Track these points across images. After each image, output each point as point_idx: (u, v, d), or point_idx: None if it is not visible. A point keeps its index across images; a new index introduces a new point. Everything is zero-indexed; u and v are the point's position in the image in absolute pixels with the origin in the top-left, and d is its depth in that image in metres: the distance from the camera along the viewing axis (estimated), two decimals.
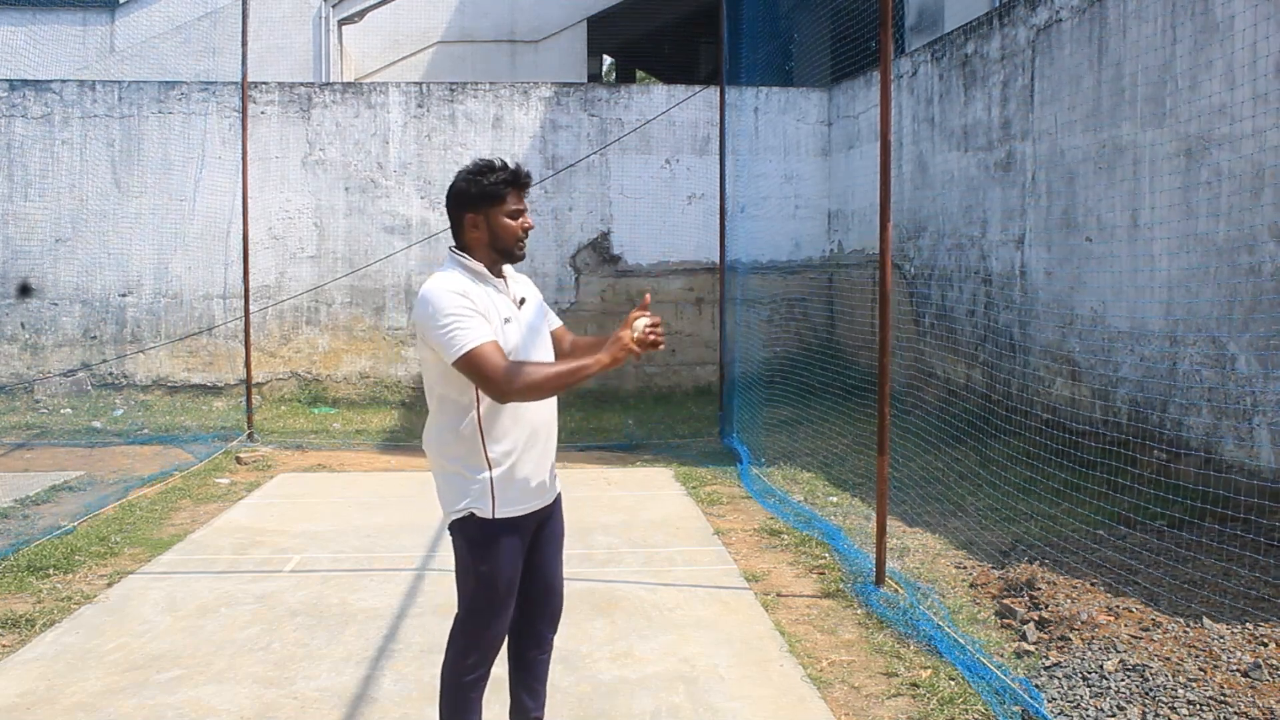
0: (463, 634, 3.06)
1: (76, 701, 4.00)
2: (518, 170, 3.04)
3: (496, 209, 3.00)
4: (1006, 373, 8.43)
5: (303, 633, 4.76)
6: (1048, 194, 8.05)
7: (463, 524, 3.00)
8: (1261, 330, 5.79)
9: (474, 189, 3.00)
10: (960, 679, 4.11)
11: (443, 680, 3.10)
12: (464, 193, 3.01)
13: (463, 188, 3.02)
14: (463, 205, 3.02)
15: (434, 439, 3.05)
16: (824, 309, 12.59)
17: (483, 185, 2.99)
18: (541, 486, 3.09)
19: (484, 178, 3.00)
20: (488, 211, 3.00)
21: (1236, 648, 4.23)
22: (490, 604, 3.01)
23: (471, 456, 2.97)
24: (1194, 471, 6.13)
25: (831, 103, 12.73)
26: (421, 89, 12.32)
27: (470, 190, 3.00)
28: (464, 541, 3.02)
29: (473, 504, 2.97)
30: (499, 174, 3.00)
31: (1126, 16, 7.06)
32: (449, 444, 2.99)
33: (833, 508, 7.00)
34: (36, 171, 11.73)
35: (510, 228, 3.02)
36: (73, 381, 11.80)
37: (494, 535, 2.98)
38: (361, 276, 12.13)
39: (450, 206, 3.06)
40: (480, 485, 2.97)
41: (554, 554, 3.23)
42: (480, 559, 2.99)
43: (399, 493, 7.67)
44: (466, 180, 3.02)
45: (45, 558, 5.81)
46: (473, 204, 3.01)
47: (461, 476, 2.98)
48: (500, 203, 3.00)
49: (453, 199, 3.04)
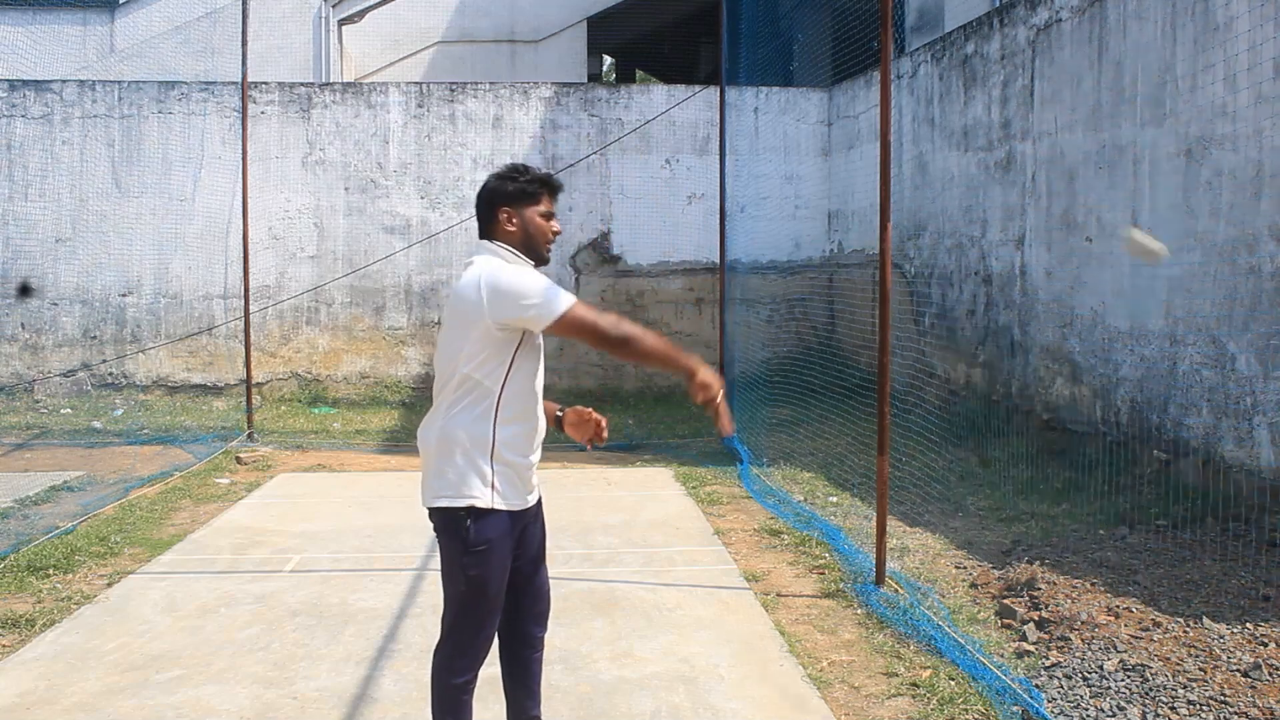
0: (452, 638, 3.05)
1: (76, 701, 4.00)
2: (550, 176, 3.16)
3: (531, 207, 3.09)
4: (1006, 373, 8.43)
5: (302, 633, 4.76)
6: (1048, 194, 8.05)
7: (456, 517, 2.98)
8: (1261, 330, 5.79)
9: (510, 186, 3.08)
10: (960, 679, 4.11)
11: (434, 684, 3.07)
12: (500, 189, 3.09)
13: (498, 185, 3.09)
14: (498, 200, 3.08)
15: (439, 426, 3.02)
16: (824, 309, 12.59)
17: (519, 183, 3.08)
18: (530, 485, 3.13)
19: (520, 176, 3.10)
20: (522, 209, 3.08)
21: (1236, 648, 4.23)
22: (480, 607, 3.01)
23: (478, 446, 2.97)
24: (1194, 471, 6.12)
25: (831, 103, 12.73)
26: (421, 89, 12.32)
27: (507, 187, 3.08)
28: (456, 541, 2.99)
29: (473, 494, 2.96)
30: (533, 174, 3.11)
31: (1126, 16, 7.06)
32: (457, 430, 2.98)
33: (833, 508, 7.00)
34: (36, 171, 11.73)
35: (543, 227, 3.11)
36: (73, 381, 11.81)
37: (487, 534, 2.97)
38: (361, 276, 12.13)
39: (484, 204, 3.11)
40: (482, 476, 2.97)
41: (539, 555, 3.25)
42: (470, 562, 2.97)
43: (399, 493, 7.67)
44: (501, 179, 3.10)
45: (45, 558, 5.81)
46: (509, 199, 3.08)
47: (465, 465, 2.97)
48: (535, 202, 3.10)
49: (488, 195, 3.11)
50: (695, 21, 17.68)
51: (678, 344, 3.31)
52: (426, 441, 3.07)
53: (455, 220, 12.14)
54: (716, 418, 2.98)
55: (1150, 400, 6.76)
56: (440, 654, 3.08)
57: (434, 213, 12.16)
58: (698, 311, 12.56)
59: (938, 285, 9.96)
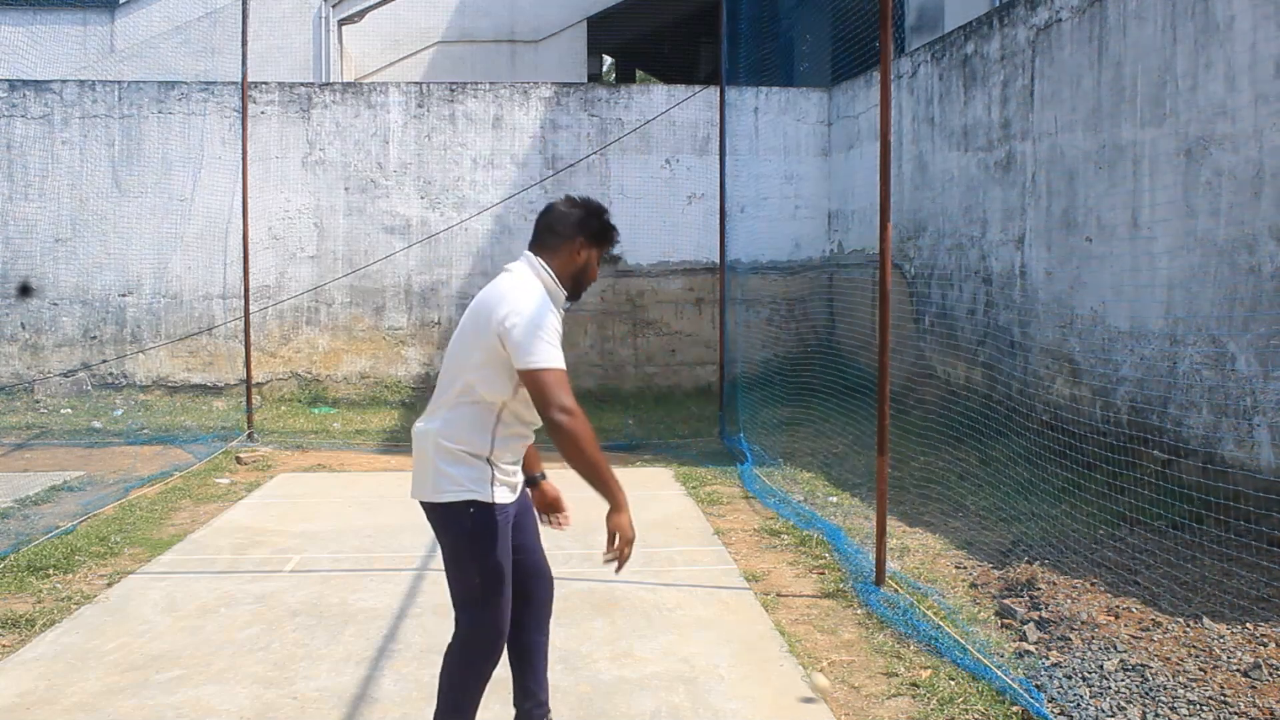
0: (471, 633, 3.07)
1: (76, 701, 4.00)
2: (615, 230, 3.25)
3: (599, 250, 3.19)
4: (1006, 372, 8.43)
5: (302, 633, 4.76)
6: (1048, 194, 8.05)
7: (458, 512, 3.01)
8: (1261, 330, 5.79)
9: (596, 224, 3.15)
10: (960, 679, 4.11)
11: (452, 679, 3.08)
12: (587, 223, 3.15)
13: (587, 219, 3.15)
14: (582, 231, 3.14)
15: (438, 428, 3.05)
16: (824, 309, 12.59)
17: (604, 223, 3.17)
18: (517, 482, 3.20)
19: (605, 216, 3.19)
20: (593, 249, 3.17)
21: (1236, 648, 4.23)
22: (499, 593, 3.06)
23: (479, 446, 3.03)
24: (1194, 471, 6.12)
25: (831, 103, 12.73)
26: (421, 89, 12.32)
27: (594, 224, 3.15)
28: (462, 535, 3.02)
29: (474, 490, 3.00)
30: (614, 228, 3.22)
31: (1126, 16, 7.06)
32: (458, 431, 3.02)
33: (833, 507, 7.00)
34: (36, 171, 11.73)
35: (595, 271, 3.21)
36: (73, 381, 11.81)
37: (492, 522, 3.02)
38: (361, 276, 12.13)
39: (563, 226, 3.14)
40: (482, 471, 3.02)
41: (533, 535, 3.33)
42: (483, 552, 3.01)
43: (399, 493, 7.66)
44: (591, 214, 3.16)
45: (45, 558, 5.80)
46: (592, 236, 3.15)
47: (465, 462, 3.01)
48: (605, 247, 3.20)
49: (574, 221, 3.14)
50: (695, 21, 17.69)
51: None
52: (423, 440, 3.09)
53: (455, 220, 12.14)
54: (617, 557, 2.98)
55: (1150, 400, 6.77)
56: (458, 650, 3.09)
57: (434, 213, 12.16)
58: (698, 311, 12.57)
59: (938, 285, 9.96)
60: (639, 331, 12.40)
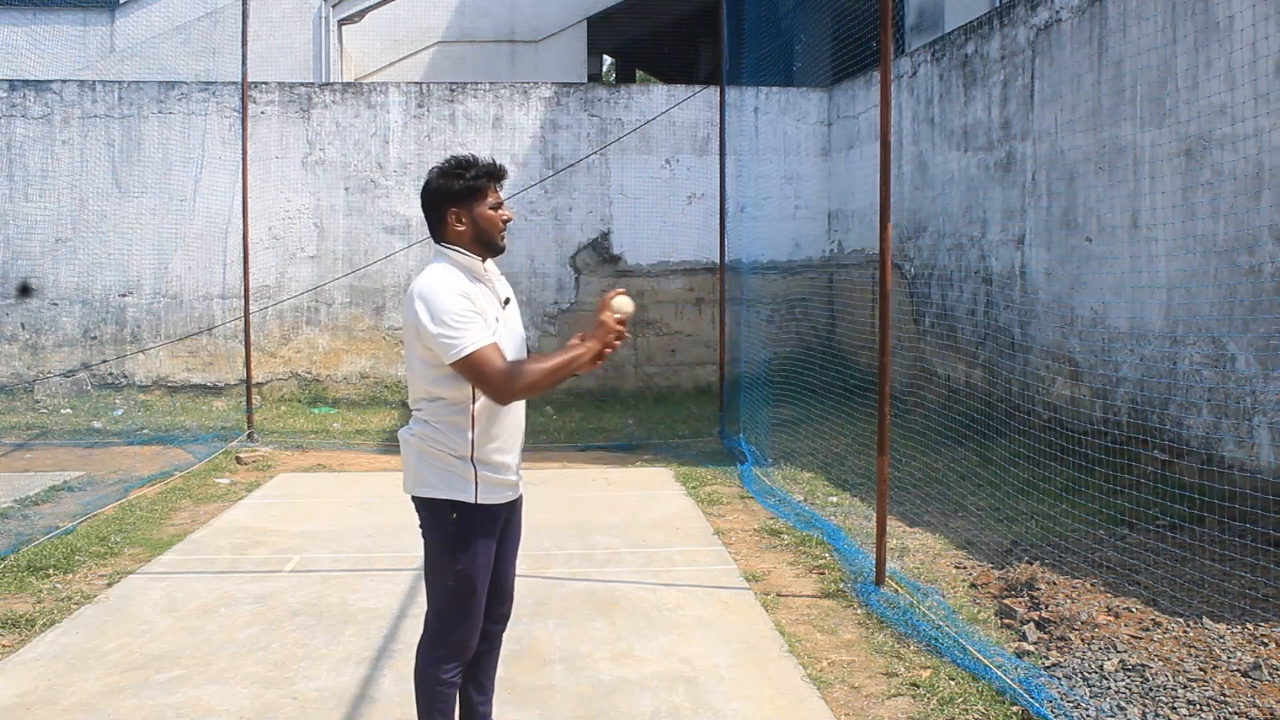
0: (439, 635, 3.05)
1: (76, 701, 4.00)
2: (493, 164, 3.10)
3: (479, 203, 3.05)
4: (1007, 373, 8.43)
5: (303, 633, 4.76)
6: (1048, 194, 8.05)
7: (441, 510, 2.99)
8: (1261, 330, 5.79)
9: (457, 185, 3.04)
10: (960, 679, 4.11)
11: (420, 681, 3.07)
12: (447, 189, 3.04)
13: (445, 184, 3.05)
14: (446, 201, 3.05)
15: (417, 432, 3.04)
16: (824, 309, 12.59)
17: (465, 180, 3.04)
18: (510, 481, 3.12)
19: (465, 173, 3.05)
20: (471, 206, 3.04)
21: (1236, 648, 4.23)
22: (467, 603, 3.02)
23: (459, 446, 2.99)
24: (1194, 471, 6.12)
25: (831, 103, 12.73)
26: (421, 89, 12.32)
27: (454, 186, 3.04)
28: (441, 537, 3.01)
29: (455, 490, 2.98)
30: (478, 169, 3.06)
31: (1126, 16, 7.06)
32: (434, 437, 3.00)
33: (833, 508, 7.00)
34: (36, 171, 11.73)
35: (493, 219, 3.07)
36: (73, 381, 11.81)
37: (472, 528, 2.99)
38: (361, 276, 12.13)
39: (430, 204, 3.08)
40: (464, 472, 2.99)
41: (511, 554, 3.25)
42: (457, 557, 2.99)
43: (399, 493, 7.60)
44: (447, 177, 3.05)
45: (45, 558, 5.81)
46: (456, 199, 3.04)
47: (445, 462, 2.99)
48: (482, 197, 3.06)
49: (433, 196, 3.06)
50: (695, 21, 17.68)
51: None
52: (407, 443, 3.10)
53: None
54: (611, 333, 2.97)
55: (1150, 400, 6.77)
56: (426, 650, 3.08)
57: None
58: (698, 311, 12.57)
59: (938, 285, 9.96)
60: (639, 331, 12.40)
